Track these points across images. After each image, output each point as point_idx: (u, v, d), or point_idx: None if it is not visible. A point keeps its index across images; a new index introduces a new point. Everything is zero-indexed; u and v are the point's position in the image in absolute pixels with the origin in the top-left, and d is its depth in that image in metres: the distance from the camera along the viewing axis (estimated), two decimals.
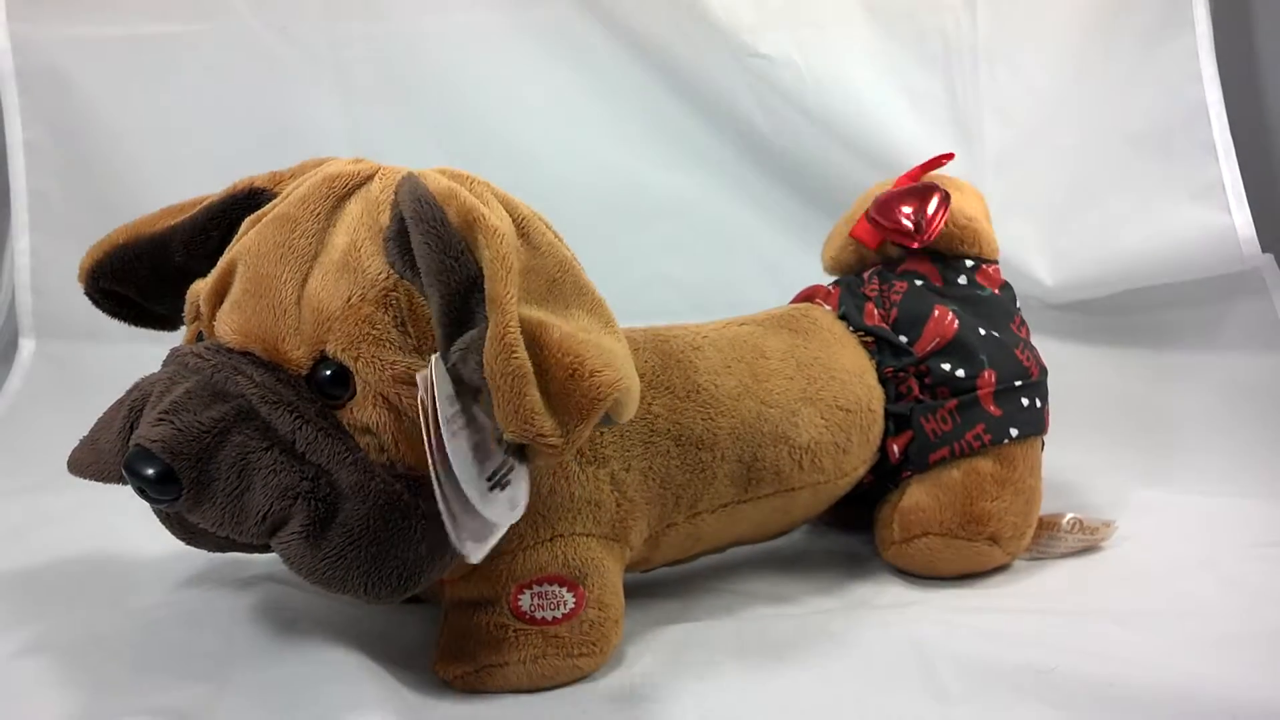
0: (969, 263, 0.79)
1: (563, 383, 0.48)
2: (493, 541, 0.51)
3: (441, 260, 0.49)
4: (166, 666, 0.59)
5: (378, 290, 0.52)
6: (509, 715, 0.57)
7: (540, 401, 0.47)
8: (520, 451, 0.48)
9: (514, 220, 0.52)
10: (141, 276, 0.61)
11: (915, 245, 0.77)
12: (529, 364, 0.47)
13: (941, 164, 0.83)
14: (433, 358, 0.50)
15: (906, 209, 0.78)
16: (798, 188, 1.22)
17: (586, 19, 1.19)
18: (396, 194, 0.53)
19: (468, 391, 0.50)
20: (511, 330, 0.47)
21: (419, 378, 0.50)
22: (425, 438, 0.49)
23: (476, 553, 0.50)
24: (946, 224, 0.77)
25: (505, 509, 0.50)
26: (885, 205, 0.79)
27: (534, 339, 0.48)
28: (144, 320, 0.65)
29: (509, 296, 0.47)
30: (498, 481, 0.51)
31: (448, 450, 0.48)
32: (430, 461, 0.48)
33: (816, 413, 0.70)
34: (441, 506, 0.48)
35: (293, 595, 0.67)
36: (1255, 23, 1.13)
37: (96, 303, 0.63)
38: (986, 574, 0.75)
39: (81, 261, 0.62)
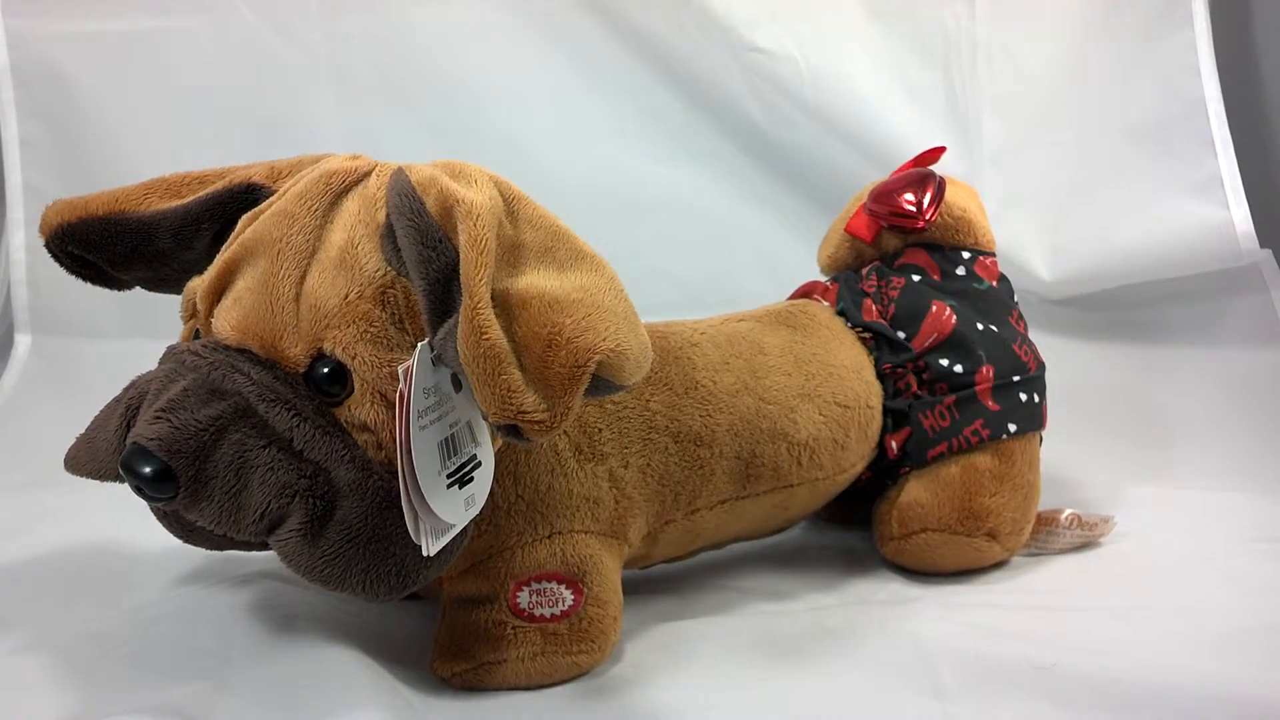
0: (966, 254, 0.79)
1: (540, 355, 0.46)
2: (450, 535, 0.51)
3: (420, 250, 0.49)
4: (164, 664, 0.59)
5: (375, 287, 0.52)
6: (507, 713, 0.57)
7: (519, 379, 0.46)
8: (513, 432, 0.47)
9: (504, 197, 0.52)
10: (118, 252, 0.60)
11: (920, 225, 0.77)
12: (503, 342, 0.46)
13: (935, 157, 0.83)
14: (418, 347, 0.50)
15: (907, 195, 0.77)
16: (795, 182, 1.22)
17: (583, 13, 1.19)
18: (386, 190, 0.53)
19: (454, 380, 0.51)
20: (481, 311, 0.46)
21: (400, 370, 0.49)
22: (396, 430, 0.49)
23: (434, 546, 0.50)
24: (943, 214, 0.77)
25: (461, 507, 0.51)
26: (884, 194, 0.79)
27: (512, 314, 0.47)
28: (102, 282, 0.63)
29: (479, 279, 0.46)
30: (460, 478, 0.51)
31: (412, 445, 0.48)
32: (398, 454, 0.49)
33: (815, 409, 0.70)
34: (403, 499, 0.49)
35: (290, 593, 0.67)
36: (1254, 17, 1.13)
37: (57, 259, 0.61)
38: (985, 570, 0.75)
39: (47, 215, 0.59)
